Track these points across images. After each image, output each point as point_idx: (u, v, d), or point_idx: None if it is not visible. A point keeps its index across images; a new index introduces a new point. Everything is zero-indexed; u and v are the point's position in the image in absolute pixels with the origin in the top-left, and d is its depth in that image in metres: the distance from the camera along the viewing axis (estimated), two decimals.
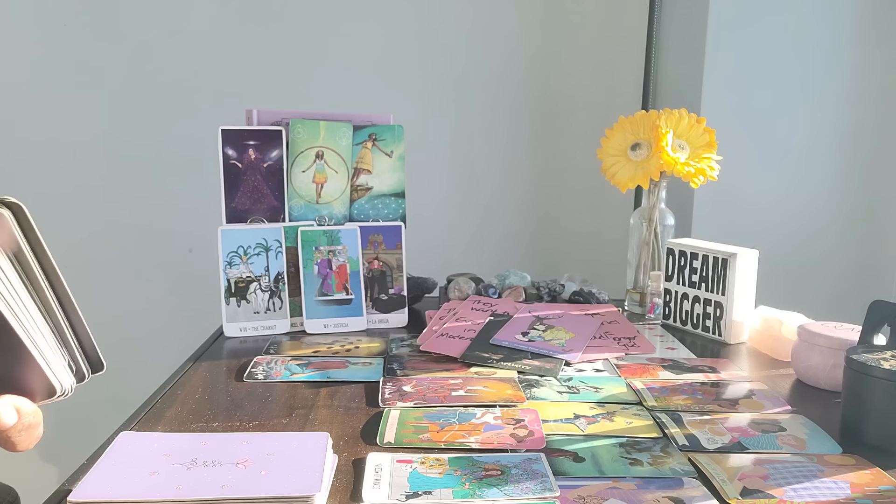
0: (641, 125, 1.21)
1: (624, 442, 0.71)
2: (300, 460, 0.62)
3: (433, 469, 0.64)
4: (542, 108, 1.70)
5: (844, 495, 0.61)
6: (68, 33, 1.57)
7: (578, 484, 0.62)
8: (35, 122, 1.60)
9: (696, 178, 1.17)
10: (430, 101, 1.66)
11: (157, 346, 1.65)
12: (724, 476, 0.64)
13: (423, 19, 1.64)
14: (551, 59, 1.68)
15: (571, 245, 1.73)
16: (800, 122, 1.50)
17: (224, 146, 1.09)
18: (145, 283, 1.66)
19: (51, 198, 1.62)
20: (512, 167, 1.71)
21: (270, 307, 1.10)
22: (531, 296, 1.24)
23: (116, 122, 1.61)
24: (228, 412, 0.78)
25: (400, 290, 1.16)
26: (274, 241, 1.10)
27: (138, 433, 0.70)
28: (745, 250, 1.08)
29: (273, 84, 1.62)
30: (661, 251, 1.22)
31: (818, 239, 1.53)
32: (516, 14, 1.65)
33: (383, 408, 0.79)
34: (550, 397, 0.83)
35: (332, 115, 1.15)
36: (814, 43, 1.47)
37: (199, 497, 0.55)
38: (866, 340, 0.79)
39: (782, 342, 1.00)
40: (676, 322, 1.16)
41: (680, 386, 0.88)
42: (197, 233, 1.61)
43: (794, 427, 0.76)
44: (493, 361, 0.94)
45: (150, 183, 1.63)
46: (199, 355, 0.99)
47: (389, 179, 1.18)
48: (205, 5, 1.59)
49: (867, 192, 1.52)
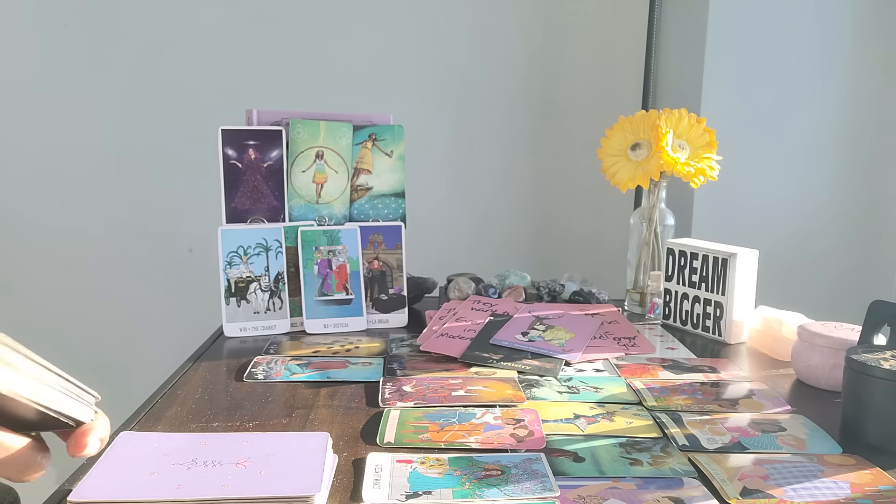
0: (641, 125, 1.21)
1: (624, 442, 0.71)
2: (300, 460, 0.62)
3: (433, 469, 0.64)
4: (542, 108, 1.70)
5: (844, 495, 0.61)
6: (68, 34, 1.57)
7: (578, 484, 0.62)
8: (35, 123, 1.60)
9: (696, 178, 1.17)
10: (430, 101, 1.66)
11: (157, 346, 1.65)
12: (724, 476, 0.64)
13: (424, 19, 1.64)
14: (551, 60, 1.68)
15: (571, 245, 1.73)
16: (800, 122, 1.50)
17: (224, 146, 1.09)
18: (145, 283, 1.66)
19: (50, 198, 1.62)
20: (512, 167, 1.71)
21: (270, 307, 1.10)
22: (531, 296, 1.24)
23: (116, 122, 1.61)
24: (228, 412, 0.78)
25: (400, 290, 1.16)
26: (274, 241, 1.10)
27: (138, 433, 0.70)
28: (745, 250, 1.08)
29: (273, 84, 1.62)
30: (661, 251, 1.22)
31: (818, 239, 1.53)
32: (516, 14, 1.65)
33: (383, 408, 0.79)
34: (550, 397, 0.83)
35: (332, 115, 1.15)
36: (814, 43, 1.47)
37: (199, 497, 0.55)
38: (866, 340, 0.80)
39: (782, 342, 1.00)
40: (676, 322, 1.16)
41: (680, 386, 0.88)
42: (197, 233, 1.61)
43: (794, 427, 0.76)
44: (493, 361, 0.94)
45: (150, 183, 1.63)
46: (199, 355, 0.99)
47: (389, 179, 1.18)
48: (205, 6, 1.59)
49: (867, 192, 1.52)
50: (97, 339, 1.65)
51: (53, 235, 1.63)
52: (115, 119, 1.61)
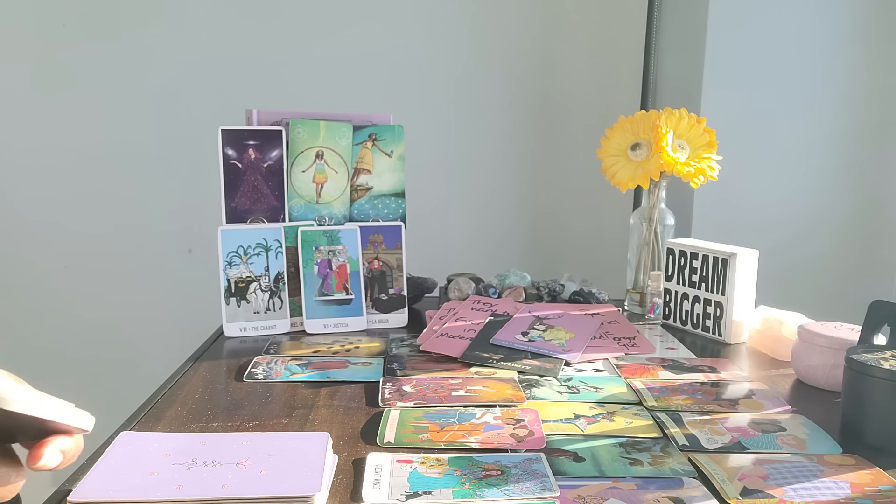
0: (641, 125, 1.21)
1: (624, 442, 0.71)
2: (300, 460, 0.62)
3: (433, 469, 0.64)
4: (542, 107, 1.70)
5: (844, 495, 0.61)
6: (67, 34, 1.57)
7: (578, 484, 0.62)
8: (34, 123, 1.60)
9: (696, 178, 1.17)
10: (430, 101, 1.66)
11: (157, 346, 1.65)
12: (724, 476, 0.64)
13: (424, 19, 1.64)
14: (551, 59, 1.68)
15: (571, 245, 1.73)
16: (800, 122, 1.50)
17: (224, 146, 1.09)
18: (145, 283, 1.66)
19: (50, 198, 1.62)
20: (512, 167, 1.71)
21: (270, 307, 1.10)
22: (531, 296, 1.24)
23: (116, 122, 1.61)
24: (228, 412, 0.78)
25: (400, 290, 1.16)
26: (274, 241, 1.10)
27: (138, 433, 0.70)
28: (745, 250, 1.08)
29: (273, 84, 1.62)
30: (661, 251, 1.22)
31: (818, 239, 1.53)
32: (516, 14, 1.65)
33: (383, 408, 0.79)
34: (550, 397, 0.83)
35: (332, 115, 1.15)
36: (814, 43, 1.47)
37: (199, 497, 0.55)
38: (866, 340, 0.79)
39: (782, 342, 1.00)
40: (676, 322, 1.16)
41: (680, 386, 0.88)
42: (197, 233, 1.61)
43: (794, 427, 0.76)
44: (493, 361, 0.94)
45: (150, 183, 1.63)
46: (199, 355, 0.99)
47: (389, 179, 1.18)
48: (205, 5, 1.59)
49: (867, 192, 1.52)
50: (97, 339, 1.65)
51: (53, 235, 1.63)
52: (114, 119, 1.61)
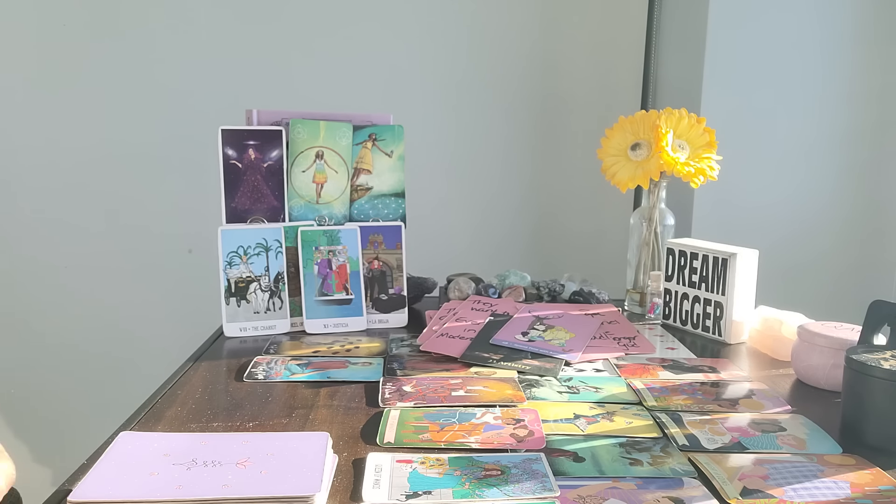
0: (641, 125, 1.21)
1: (624, 442, 0.71)
2: (300, 460, 0.62)
3: (433, 469, 0.64)
4: (542, 107, 1.70)
5: (844, 495, 0.61)
6: (67, 34, 1.57)
7: (578, 484, 0.62)
8: (34, 123, 1.59)
9: (696, 178, 1.17)
10: (430, 101, 1.66)
11: (157, 346, 1.65)
12: (724, 476, 0.64)
13: (424, 19, 1.64)
14: (551, 59, 1.68)
15: (571, 245, 1.73)
16: (800, 122, 1.50)
17: (224, 146, 1.09)
18: (145, 283, 1.66)
19: (50, 198, 1.62)
20: (512, 167, 1.71)
21: (270, 307, 1.10)
22: (531, 296, 1.24)
23: (116, 122, 1.61)
24: (228, 412, 0.78)
25: (400, 290, 1.16)
26: (274, 241, 1.10)
27: (138, 433, 0.70)
28: (745, 250, 1.08)
29: (273, 84, 1.62)
30: (661, 251, 1.22)
31: (818, 239, 1.53)
32: (516, 14, 1.65)
33: (383, 408, 0.79)
34: (550, 397, 0.83)
35: (332, 115, 1.15)
36: (814, 43, 1.47)
37: (199, 497, 0.55)
38: (866, 340, 0.79)
39: (782, 342, 1.00)
40: (676, 322, 1.16)
41: (680, 386, 0.88)
42: (197, 233, 1.61)
43: (794, 427, 0.76)
44: (493, 361, 0.94)
45: (150, 183, 1.63)
46: (199, 355, 0.99)
47: (389, 179, 1.18)
48: (205, 5, 1.59)
49: (867, 192, 1.52)
50: (97, 339, 1.65)
51: (53, 235, 1.63)
52: (114, 119, 1.61)
